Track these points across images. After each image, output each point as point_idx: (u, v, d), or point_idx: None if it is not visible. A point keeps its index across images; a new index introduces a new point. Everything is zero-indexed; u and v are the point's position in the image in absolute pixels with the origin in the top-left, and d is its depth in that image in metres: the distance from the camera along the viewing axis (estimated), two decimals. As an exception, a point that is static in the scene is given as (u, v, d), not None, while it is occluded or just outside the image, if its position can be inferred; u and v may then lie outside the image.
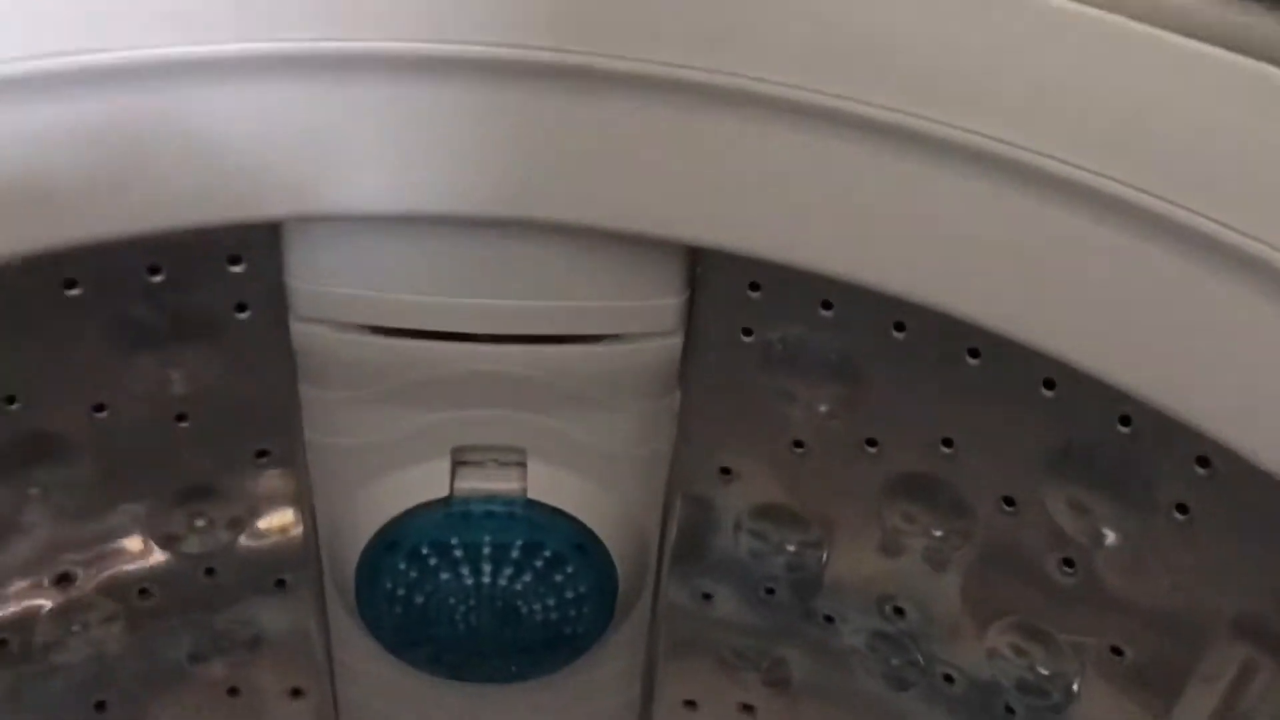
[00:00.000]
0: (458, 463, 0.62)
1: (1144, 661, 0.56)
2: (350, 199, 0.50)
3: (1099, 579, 0.56)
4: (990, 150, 0.44)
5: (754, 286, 0.57)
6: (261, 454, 0.63)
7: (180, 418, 0.60)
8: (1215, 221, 0.41)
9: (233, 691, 0.71)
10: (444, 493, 0.62)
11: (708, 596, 0.69)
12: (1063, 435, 0.54)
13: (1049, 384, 0.53)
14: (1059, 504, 0.56)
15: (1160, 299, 0.43)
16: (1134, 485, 0.53)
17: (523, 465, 0.62)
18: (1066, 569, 0.57)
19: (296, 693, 0.73)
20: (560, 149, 0.49)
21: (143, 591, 0.65)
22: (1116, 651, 0.57)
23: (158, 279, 0.55)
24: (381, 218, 0.51)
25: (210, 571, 0.66)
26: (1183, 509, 0.51)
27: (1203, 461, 0.50)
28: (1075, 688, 0.60)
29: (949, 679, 0.65)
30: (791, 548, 0.66)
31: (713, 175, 0.49)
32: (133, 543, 0.64)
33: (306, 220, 0.52)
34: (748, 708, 0.73)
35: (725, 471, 0.65)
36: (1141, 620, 0.56)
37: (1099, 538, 0.55)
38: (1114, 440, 0.52)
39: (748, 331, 0.59)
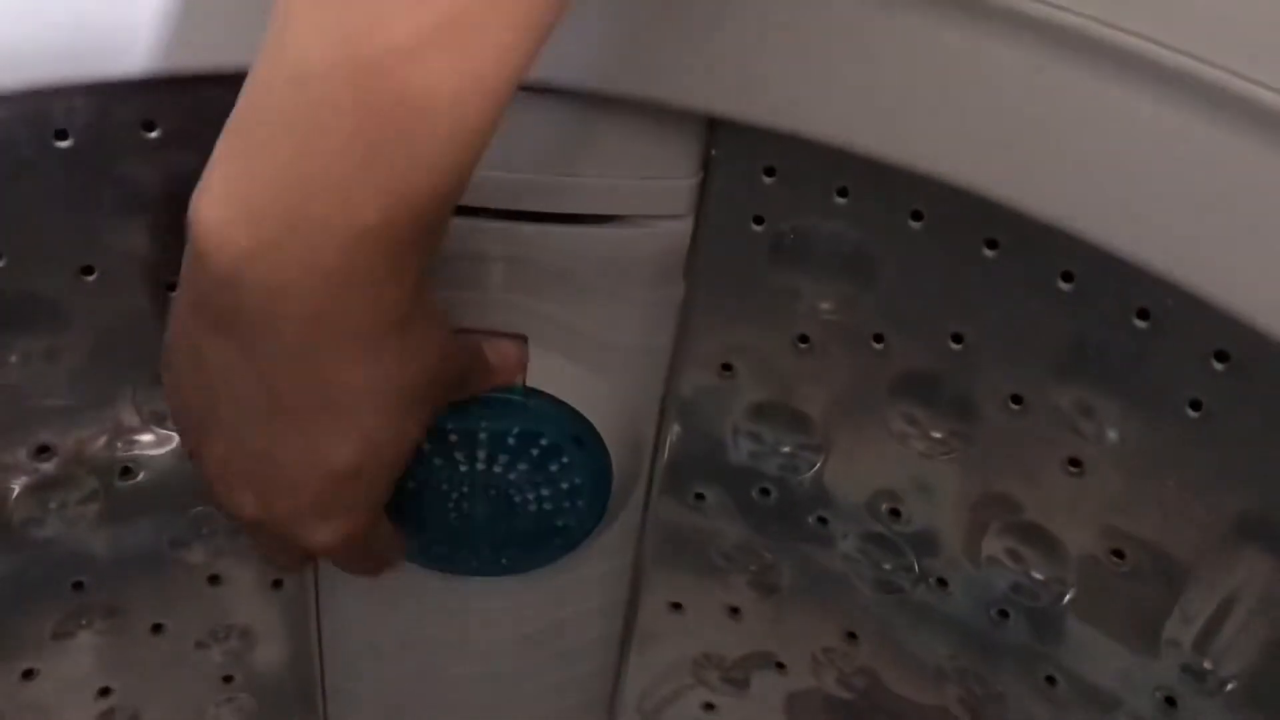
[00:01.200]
0: (454, 347, 0.60)
1: (1144, 565, 0.56)
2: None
3: (1105, 479, 0.55)
4: (1017, 8, 0.42)
5: (769, 172, 0.56)
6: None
7: (174, 286, 0.58)
8: (1251, 81, 0.40)
9: (213, 580, 0.69)
10: (440, 375, 0.60)
11: (700, 497, 0.69)
12: (1077, 329, 0.53)
13: (1067, 276, 0.52)
14: (1068, 401, 0.55)
15: (1189, 169, 0.42)
16: (1148, 381, 0.52)
17: (522, 351, 0.60)
18: (1072, 468, 0.56)
19: (278, 584, 0.71)
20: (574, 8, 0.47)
21: (125, 471, 0.63)
22: (1117, 554, 0.57)
23: (153, 135, 0.53)
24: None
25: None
26: (1196, 406, 0.51)
27: (1221, 356, 0.49)
28: (1071, 594, 0.60)
29: (943, 583, 0.64)
30: (788, 449, 0.66)
31: (735, 41, 0.47)
32: (117, 419, 0.62)
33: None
34: (734, 610, 0.72)
35: (726, 368, 0.64)
36: (1145, 522, 0.55)
37: (1109, 436, 0.54)
38: (1130, 334, 0.51)
39: (759, 220, 0.58)
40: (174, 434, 0.64)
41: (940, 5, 0.44)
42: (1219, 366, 0.49)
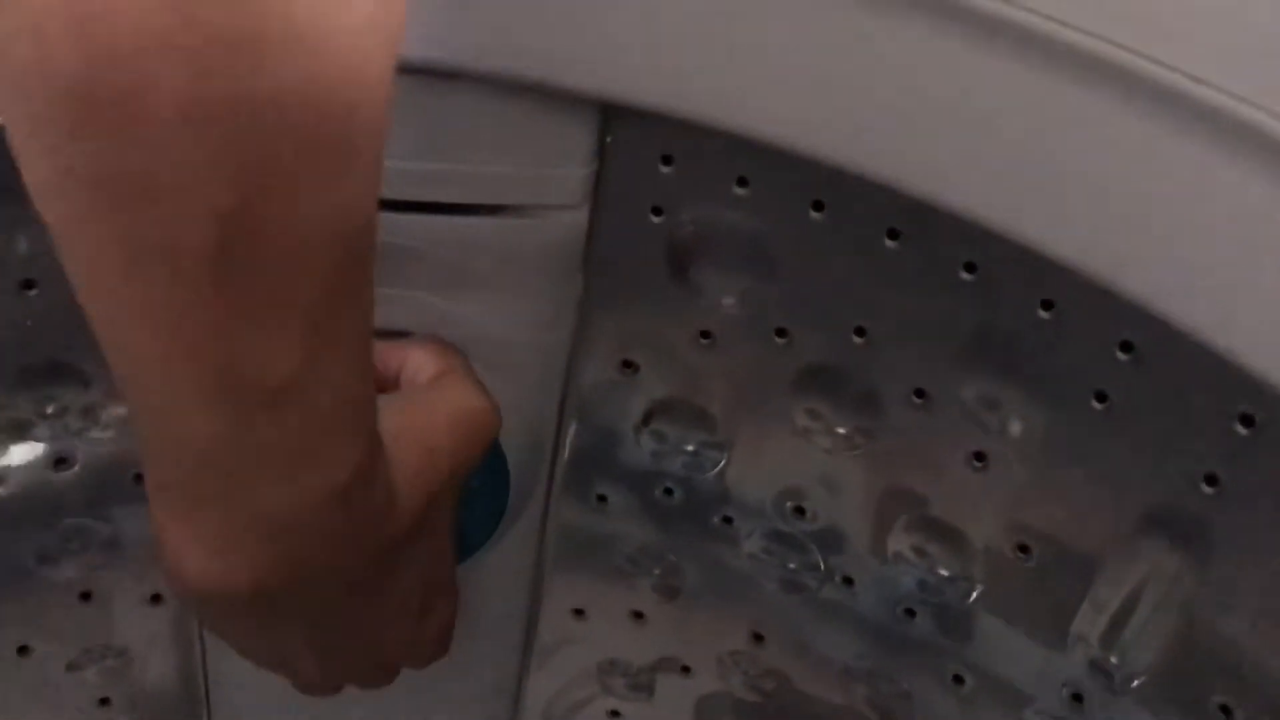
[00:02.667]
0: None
1: (1050, 560, 0.55)
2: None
3: (1010, 472, 0.55)
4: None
5: (666, 160, 0.54)
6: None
7: (27, 284, 0.54)
8: (1151, 60, 0.39)
9: (85, 596, 0.65)
10: (325, 377, 0.57)
11: (602, 499, 0.66)
12: (981, 321, 0.52)
13: (970, 267, 0.51)
14: (972, 394, 0.54)
15: (1093, 156, 0.42)
16: (1053, 373, 0.51)
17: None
18: (977, 462, 0.55)
19: (156, 599, 0.68)
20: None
21: (-15, 484, 0.59)
22: (1023, 549, 0.56)
23: None
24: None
25: (62, 462, 0.61)
26: (1101, 397, 0.50)
27: (1125, 347, 0.48)
28: (978, 591, 0.59)
29: (849, 581, 0.63)
30: (691, 447, 0.64)
31: (629, 23, 0.45)
32: (-29, 427, 0.58)
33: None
34: (638, 615, 0.70)
35: (627, 365, 0.61)
36: (1051, 516, 0.55)
37: (1013, 429, 0.54)
38: (1035, 325, 0.50)
39: (657, 211, 0.56)
40: (39, 443, 0.60)
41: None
42: (1123, 357, 0.49)
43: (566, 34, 0.46)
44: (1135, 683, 0.53)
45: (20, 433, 0.60)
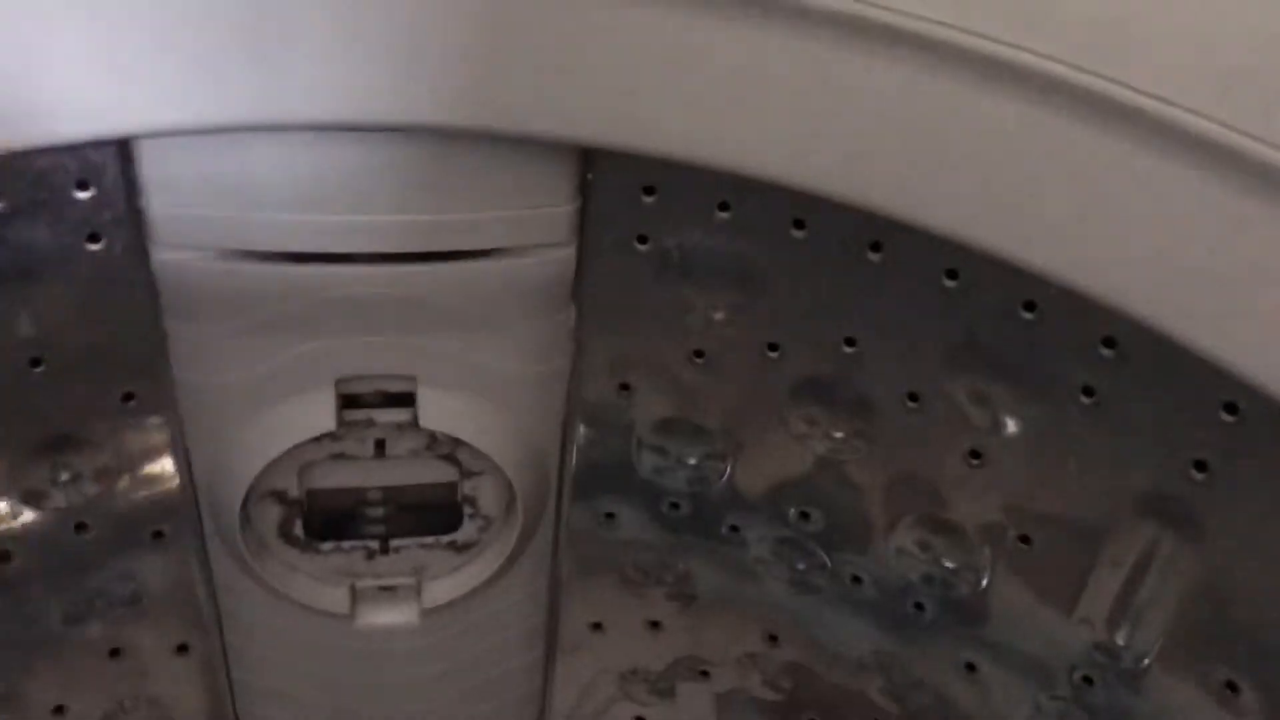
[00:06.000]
0: (344, 394, 0.59)
1: (1051, 548, 0.57)
2: (208, 109, 0.46)
3: (1006, 468, 0.56)
4: (886, 21, 0.42)
5: (648, 191, 0.55)
6: (128, 397, 0.58)
7: (35, 362, 0.55)
8: (1120, 84, 0.40)
9: (115, 653, 0.67)
10: (330, 427, 0.58)
11: (611, 516, 0.68)
12: (966, 325, 0.53)
13: (951, 274, 0.52)
14: (964, 395, 0.56)
15: (1066, 171, 0.43)
16: (1040, 371, 0.52)
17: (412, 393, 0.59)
18: (973, 460, 0.57)
19: (183, 649, 0.69)
20: (444, 44, 0.45)
21: (4, 555, 0.60)
22: (1024, 540, 0.57)
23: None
24: (243, 129, 0.47)
25: (81, 527, 0.62)
26: (1089, 392, 0.51)
27: (1109, 342, 0.50)
28: (984, 581, 0.60)
29: (857, 580, 0.65)
30: (694, 460, 0.65)
31: (607, 71, 0.46)
32: (-10, 502, 0.59)
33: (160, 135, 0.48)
34: (654, 624, 0.72)
35: (625, 387, 0.63)
36: (1049, 507, 0.56)
37: (1006, 426, 0.55)
38: (1019, 326, 0.52)
39: (643, 239, 0.57)
40: (55, 509, 0.61)
41: (805, 26, 0.43)
42: (1107, 353, 0.50)
43: (540, 87, 0.47)
44: (1144, 662, 0.55)
45: (38, 501, 0.61)
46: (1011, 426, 0.55)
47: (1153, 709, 0.55)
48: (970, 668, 0.62)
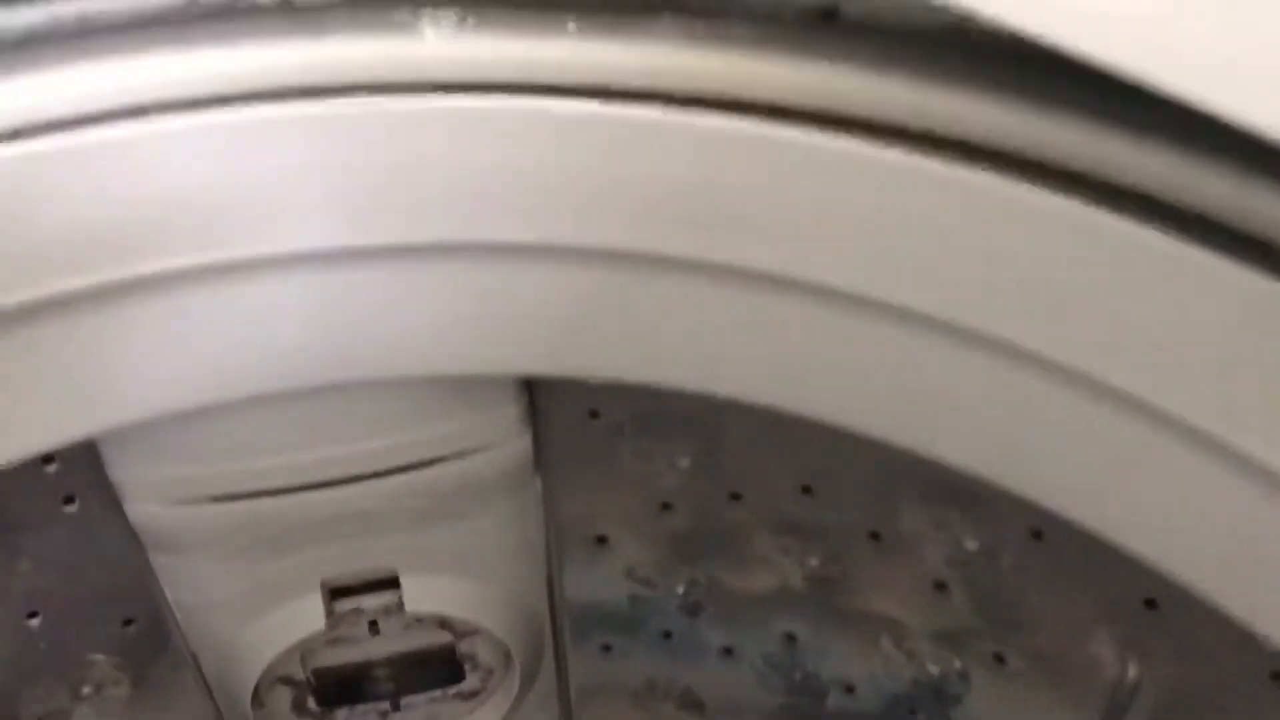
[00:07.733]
0: (331, 590, 0.61)
1: (1023, 666, 0.59)
2: (155, 398, 0.48)
3: (969, 596, 0.58)
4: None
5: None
6: (128, 622, 0.61)
7: (31, 614, 0.58)
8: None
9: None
10: (320, 626, 0.61)
11: (607, 648, 0.70)
12: (921, 466, 0.55)
13: (893, 432, 0.54)
14: (922, 530, 0.57)
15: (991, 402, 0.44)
16: (990, 510, 0.54)
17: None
18: (938, 591, 0.58)
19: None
20: (372, 311, 0.47)
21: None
22: (999, 659, 0.59)
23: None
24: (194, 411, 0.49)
25: (104, 737, 0.65)
26: (1037, 535, 0.53)
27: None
28: (968, 685, 0.62)
29: (849, 690, 0.67)
30: (681, 589, 0.67)
31: (538, 311, 0.48)
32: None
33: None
34: (667, 738, 0.74)
35: (601, 540, 0.65)
36: (1016, 630, 0.58)
37: (965, 563, 0.56)
38: (967, 476, 0.53)
39: (595, 414, 0.59)
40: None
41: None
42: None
43: (474, 332, 0.48)
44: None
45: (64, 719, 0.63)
46: (970, 560, 0.56)
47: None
48: (968, 764, 0.65)
